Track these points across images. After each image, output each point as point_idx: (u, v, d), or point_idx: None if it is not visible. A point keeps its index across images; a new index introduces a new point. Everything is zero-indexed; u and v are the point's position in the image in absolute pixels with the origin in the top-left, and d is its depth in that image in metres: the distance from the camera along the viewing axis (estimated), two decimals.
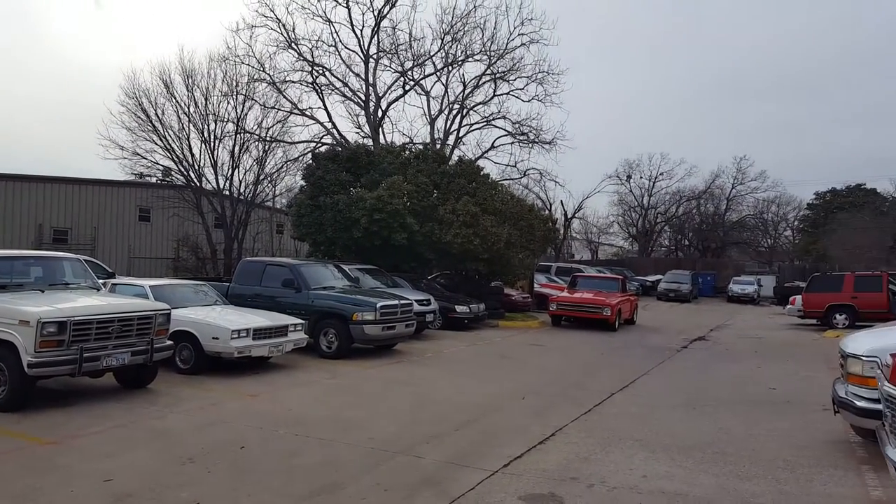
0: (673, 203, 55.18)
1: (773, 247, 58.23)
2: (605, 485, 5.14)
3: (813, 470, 5.53)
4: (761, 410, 8.05)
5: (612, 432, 6.80)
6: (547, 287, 24.87)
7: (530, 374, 10.61)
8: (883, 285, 19.72)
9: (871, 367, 5.61)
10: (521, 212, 19.49)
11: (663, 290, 34.96)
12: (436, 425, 6.89)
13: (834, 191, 54.63)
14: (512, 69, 27.55)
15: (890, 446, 3.98)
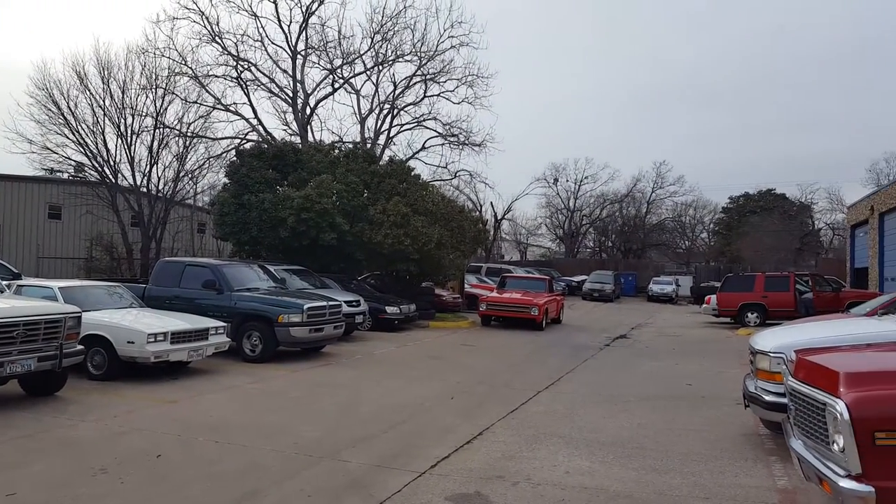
0: (597, 206, 57.06)
1: (690, 248, 61.05)
2: (529, 482, 5.21)
3: (725, 462, 5.80)
4: (678, 406, 8.40)
5: (537, 430, 6.92)
6: (477, 287, 25.10)
7: (460, 374, 10.67)
8: (790, 285, 21.00)
9: (778, 363, 5.94)
10: (452, 213, 19.60)
11: (588, 290, 36.02)
12: (363, 428, 6.81)
13: (747, 195, 57.79)
14: (442, 71, 27.72)
15: (794, 438, 4.21)
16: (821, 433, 3.70)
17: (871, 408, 3.34)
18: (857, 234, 32.55)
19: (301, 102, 26.50)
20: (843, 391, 3.49)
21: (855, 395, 3.42)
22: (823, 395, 3.66)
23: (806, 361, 4.15)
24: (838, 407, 3.43)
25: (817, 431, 3.76)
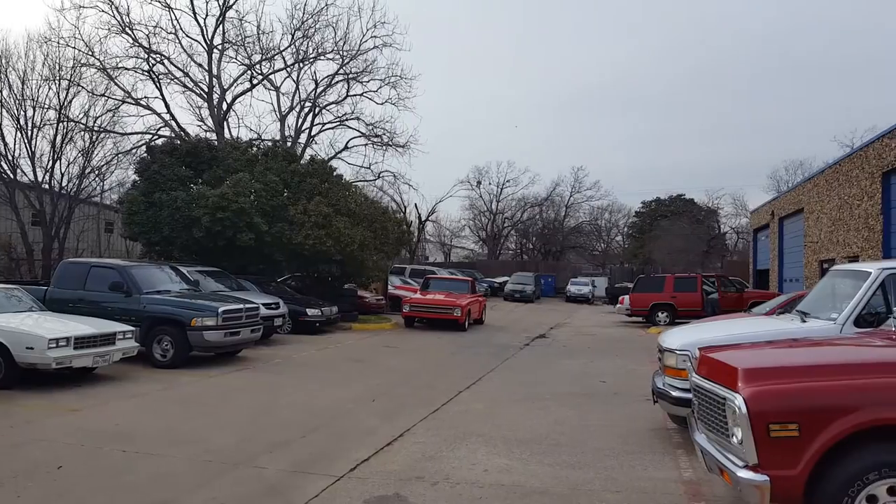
0: (519, 209, 58.28)
1: (606, 251, 63.40)
2: (448, 481, 5.25)
3: (635, 456, 6.04)
4: (593, 402, 8.69)
5: (457, 430, 6.98)
6: (401, 289, 25.06)
7: (382, 376, 10.60)
8: (698, 286, 22.17)
9: (684, 360, 6.24)
10: (376, 214, 19.47)
11: (509, 291, 36.71)
12: (281, 433, 6.65)
13: (658, 200, 60.55)
14: (365, 71, 27.52)
15: (698, 432, 4.44)
16: (721, 426, 3.92)
17: (766, 402, 3.55)
18: (759, 238, 34.78)
19: (217, 98, 25.58)
20: (741, 386, 3.70)
21: (752, 389, 3.63)
22: (724, 390, 3.87)
23: (708, 358, 4.38)
24: (737, 401, 3.64)
25: (718, 425, 3.98)
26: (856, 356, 3.97)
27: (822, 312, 6.41)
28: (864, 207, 18.19)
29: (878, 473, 3.33)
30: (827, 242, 21.33)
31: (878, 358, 3.87)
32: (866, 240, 17.89)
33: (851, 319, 5.88)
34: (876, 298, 5.97)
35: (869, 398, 3.41)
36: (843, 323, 5.90)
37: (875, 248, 17.09)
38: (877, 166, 17.33)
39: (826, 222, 21.59)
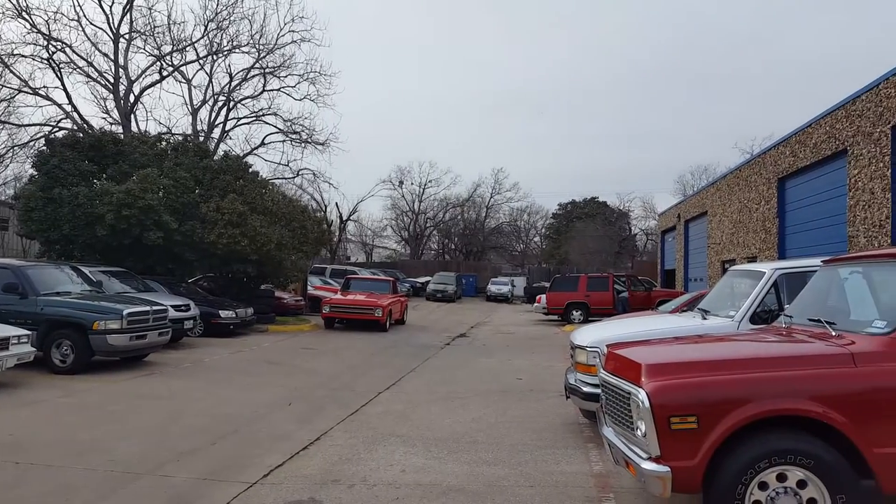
0: (441, 209, 58.69)
1: (524, 251, 64.84)
2: (365, 483, 5.20)
3: (548, 451, 6.20)
4: (510, 399, 8.85)
5: (376, 431, 6.93)
6: (321, 289, 24.66)
7: (299, 378, 10.38)
8: (609, 285, 23.06)
9: (594, 356, 6.48)
10: (294, 212, 19.02)
11: (431, 291, 36.89)
12: (190, 440, 6.38)
13: (574, 202, 62.55)
14: (283, 66, 26.90)
15: (605, 426, 4.61)
16: (627, 420, 4.08)
17: (667, 396, 3.73)
18: (666, 239, 36.55)
19: (124, 89, 24.28)
20: (644, 381, 3.87)
21: (654, 384, 3.80)
22: (629, 385, 4.03)
23: (615, 355, 4.55)
24: (640, 396, 3.80)
25: (624, 419, 4.14)
26: (749, 351, 4.23)
27: (721, 310, 6.81)
28: (762, 211, 19.48)
29: (768, 462, 3.56)
30: (728, 244, 22.69)
31: (769, 353, 4.14)
32: (764, 241, 19.17)
33: (747, 316, 6.28)
34: (770, 297, 6.41)
35: (760, 391, 3.64)
36: (740, 320, 6.29)
37: (772, 250, 18.34)
38: (773, 172, 18.60)
39: (727, 225, 22.97)
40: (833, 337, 4.01)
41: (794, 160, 17.02)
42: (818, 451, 3.53)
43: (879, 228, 12.59)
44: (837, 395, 3.59)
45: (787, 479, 3.58)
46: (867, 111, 13.11)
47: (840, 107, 14.32)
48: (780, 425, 3.64)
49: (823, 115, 15.19)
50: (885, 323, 3.88)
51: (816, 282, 5.01)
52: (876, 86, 12.78)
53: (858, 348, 3.76)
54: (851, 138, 13.77)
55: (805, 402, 3.58)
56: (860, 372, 3.64)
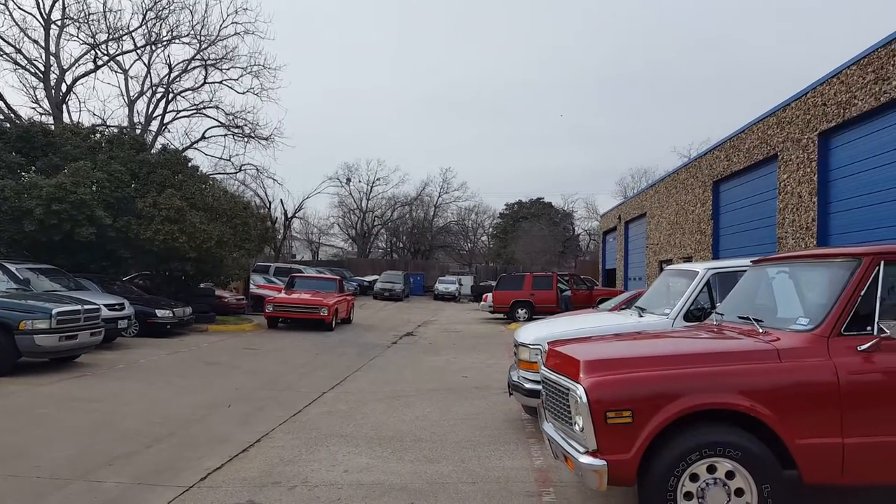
0: (389, 207, 58.51)
1: (472, 250, 65.27)
2: (307, 485, 5.13)
3: (491, 447, 6.26)
4: (454, 397, 8.90)
5: (319, 431, 6.84)
6: (265, 288, 24.18)
7: (240, 379, 10.14)
8: (553, 284, 23.47)
9: (536, 353, 6.58)
10: (236, 209, 18.56)
11: (379, 290, 36.69)
12: (123, 444, 6.14)
13: (520, 202, 63.39)
14: (225, 58, 26.24)
15: (546, 421, 4.68)
16: (566, 415, 4.16)
17: (604, 391, 3.82)
18: (607, 240, 37.48)
19: (55, 78, 23.19)
20: (583, 377, 3.95)
21: (592, 380, 3.89)
22: (568, 381, 4.11)
23: (555, 352, 4.63)
24: (578, 391, 3.88)
25: (563, 414, 4.22)
26: (682, 348, 4.38)
27: (657, 308, 7.02)
28: (698, 213, 20.20)
29: (698, 454, 3.69)
30: (666, 244, 23.43)
31: (700, 349, 4.30)
32: (699, 242, 19.87)
33: (681, 314, 6.50)
34: (703, 295, 6.65)
35: (691, 386, 3.77)
36: (675, 318, 6.51)
37: (706, 250, 19.04)
38: (708, 176, 19.30)
39: (665, 226, 23.71)
40: (760, 334, 4.19)
41: (728, 164, 17.72)
42: (745, 443, 3.68)
43: (806, 231, 13.24)
44: (763, 389, 3.75)
45: (716, 470, 3.72)
46: (796, 118, 13.77)
47: (772, 114, 14.99)
48: (711, 419, 3.78)
49: (756, 121, 15.87)
50: (808, 320, 4.08)
51: (746, 281, 5.23)
52: (804, 94, 13.44)
53: (783, 344, 3.94)
54: (781, 144, 14.44)
55: (733, 396, 3.73)
56: (784, 367, 3.82)
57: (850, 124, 11.96)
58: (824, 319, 3.94)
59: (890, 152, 10.84)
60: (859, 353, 3.82)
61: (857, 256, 4.09)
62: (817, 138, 12.89)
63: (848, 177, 12.11)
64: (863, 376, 3.79)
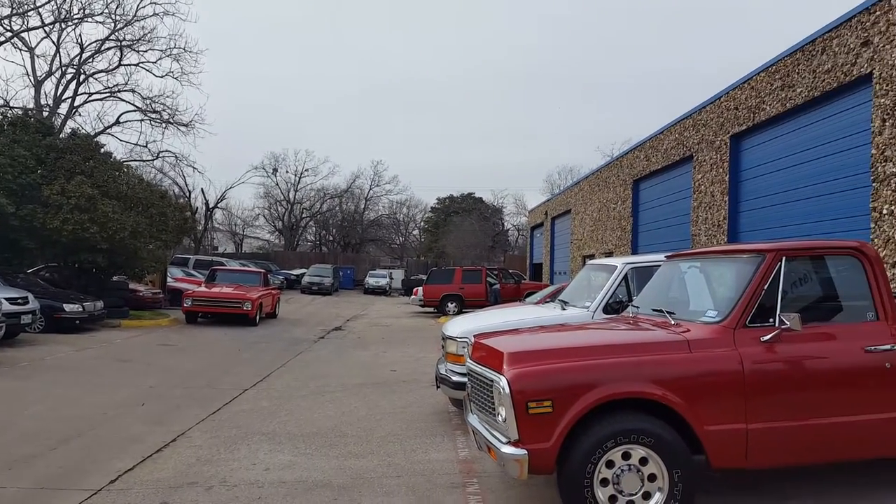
0: (318, 199, 57.43)
1: (403, 244, 65.14)
2: (225, 484, 4.97)
3: (417, 441, 6.27)
4: (382, 391, 8.85)
5: (239, 430, 6.65)
6: (183, 281, 23.27)
7: (155, 377, 9.72)
8: (482, 278, 23.74)
9: (463, 346, 6.63)
10: (152, 197, 17.71)
11: (307, 284, 36.01)
12: (26, 447, 5.76)
13: (451, 197, 63.71)
14: (143, 39, 24.98)
15: (471, 413, 4.73)
16: (490, 407, 4.21)
17: (526, 382, 3.89)
18: (535, 235, 38.27)
19: None
20: (506, 369, 4.01)
21: (514, 371, 3.96)
22: (492, 372, 4.16)
23: (481, 344, 4.68)
24: (502, 383, 3.93)
25: (487, 405, 4.28)
26: (600, 339, 4.52)
27: (578, 301, 7.22)
28: (619, 210, 20.91)
29: (614, 441, 3.82)
30: (589, 240, 24.15)
31: (616, 340, 4.45)
32: (619, 238, 20.58)
33: (601, 307, 6.71)
34: (621, 289, 6.89)
35: (607, 375, 3.90)
36: (595, 310, 6.72)
37: (626, 246, 19.75)
38: (629, 174, 20.01)
39: (589, 222, 24.44)
40: (672, 326, 4.38)
41: (647, 164, 18.43)
42: (658, 430, 3.83)
43: (718, 228, 13.96)
44: (675, 378, 3.92)
45: (631, 457, 3.87)
46: (710, 121, 14.47)
47: (688, 116, 15.69)
48: (626, 407, 3.92)
49: (674, 123, 16.57)
50: (717, 313, 4.29)
51: (660, 275, 5.45)
52: (718, 99, 14.13)
53: (693, 335, 4.14)
54: (697, 145, 15.14)
55: (647, 386, 3.87)
56: (694, 357, 4.01)
57: (759, 128, 12.67)
58: (731, 312, 4.16)
59: (794, 155, 11.56)
60: (762, 343, 4.05)
61: (761, 252, 4.34)
62: (729, 140, 13.59)
63: (757, 177, 12.84)
64: (765, 365, 4.02)
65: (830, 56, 10.29)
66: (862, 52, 9.56)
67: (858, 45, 9.64)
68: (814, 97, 10.77)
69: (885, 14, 9.08)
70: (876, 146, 9.23)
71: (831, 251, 4.48)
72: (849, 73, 9.86)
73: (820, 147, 10.84)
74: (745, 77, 12.95)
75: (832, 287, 4.50)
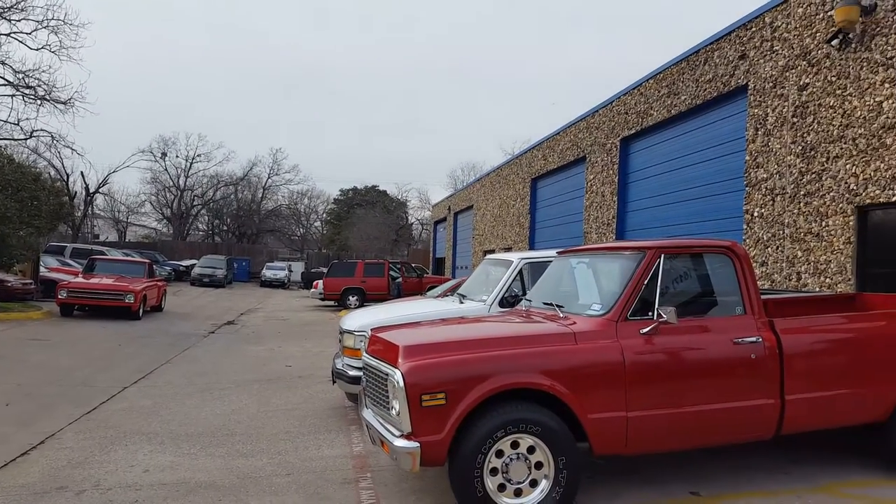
0: (211, 187, 54.89)
1: (304, 235, 63.65)
2: (99, 488, 4.64)
3: (311, 437, 6.14)
4: (275, 388, 8.60)
5: (117, 430, 6.24)
6: (59, 271, 21.52)
7: (24, 374, 8.92)
8: (385, 271, 23.64)
9: (361, 340, 6.55)
10: (23, 180, 16.24)
11: (198, 275, 34.34)
12: None
13: (355, 189, 62.99)
14: (15, 7, 22.72)
15: (365, 408, 4.69)
16: (384, 401, 4.19)
17: (420, 375, 3.90)
18: (438, 229, 38.59)
19: None
20: (401, 362, 4.00)
21: (409, 364, 3.95)
22: (387, 366, 4.14)
23: (377, 338, 4.65)
24: (396, 376, 3.92)
25: (382, 399, 4.25)
26: (493, 332, 4.60)
27: (476, 295, 7.34)
28: (518, 207, 21.49)
29: (503, 431, 3.91)
30: (490, 235, 24.66)
31: (509, 333, 4.55)
32: (518, 234, 21.16)
33: (497, 301, 6.86)
34: (516, 283, 7.07)
35: (499, 367, 3.98)
36: (491, 304, 6.85)
37: (524, 242, 20.34)
38: (528, 173, 20.60)
39: (490, 218, 24.95)
40: (561, 318, 4.54)
41: (544, 163, 19.06)
42: (544, 419, 3.96)
43: (607, 226, 14.66)
44: (562, 369, 4.07)
45: (519, 445, 3.98)
46: (603, 124, 15.15)
47: (582, 119, 16.35)
48: (516, 398, 4.02)
49: (569, 125, 17.22)
50: (601, 306, 4.49)
51: (552, 270, 5.64)
52: (610, 103, 14.82)
53: (579, 328, 4.31)
54: (590, 147, 15.81)
55: (536, 376, 3.99)
56: (579, 349, 4.18)
57: (647, 132, 13.42)
58: (613, 305, 4.37)
59: (679, 159, 12.35)
60: (642, 335, 4.29)
61: (642, 250, 4.59)
62: (619, 143, 14.30)
63: (644, 179, 13.60)
64: (644, 356, 4.25)
65: (712, 67, 11.05)
66: (739, 65, 10.34)
67: (736, 58, 10.42)
68: (696, 105, 11.54)
69: (760, 31, 9.87)
70: (749, 153, 10.03)
71: (705, 249, 4.80)
72: (727, 83, 10.64)
73: (702, 152, 11.64)
74: (635, 83, 13.66)
75: (707, 283, 4.82)
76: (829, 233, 8.41)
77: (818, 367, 4.65)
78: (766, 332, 4.54)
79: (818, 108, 8.67)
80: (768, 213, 9.54)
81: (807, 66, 8.90)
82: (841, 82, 8.31)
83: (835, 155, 8.37)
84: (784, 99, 9.30)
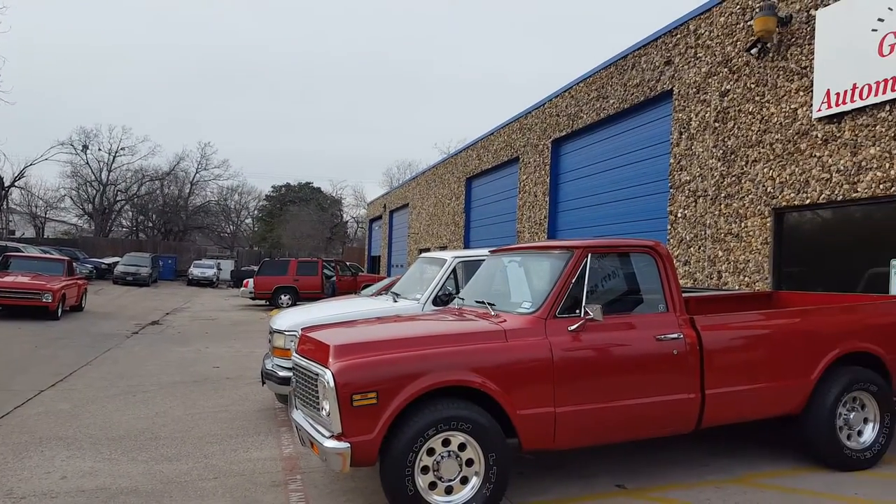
0: (135, 181, 52.63)
1: (235, 233, 61.90)
2: (11, 496, 4.39)
3: (239, 440, 5.99)
4: (202, 390, 8.34)
5: (32, 435, 5.92)
6: None
7: None
8: (318, 270, 23.29)
9: (291, 340, 6.45)
10: None
11: (121, 274, 32.84)
12: None
13: (288, 186, 61.76)
14: None
15: (295, 409, 4.62)
16: (314, 401, 4.15)
17: (351, 375, 3.88)
18: (374, 227, 38.34)
19: None
20: (331, 362, 3.97)
21: (340, 364, 3.93)
22: (317, 366, 4.10)
23: (307, 337, 4.59)
24: (327, 376, 3.89)
25: (312, 400, 4.20)
26: (424, 330, 4.62)
27: (409, 293, 7.35)
28: (453, 206, 21.63)
29: (435, 429, 3.93)
30: (425, 234, 24.72)
31: (441, 331, 4.58)
32: (453, 233, 21.31)
33: (430, 299, 6.89)
34: (450, 281, 7.12)
35: (430, 365, 4.01)
36: (425, 302, 6.88)
37: (459, 240, 20.49)
38: (463, 172, 20.76)
39: (425, 217, 25.00)
40: (492, 316, 4.62)
41: (479, 163, 19.26)
42: (475, 416, 4.02)
43: (539, 226, 14.96)
44: (492, 366, 4.13)
45: (450, 443, 4.02)
46: (535, 126, 15.45)
47: (516, 120, 16.61)
48: (448, 395, 4.05)
49: (504, 125, 17.46)
50: (531, 304, 4.59)
51: (484, 269, 5.72)
52: (542, 105, 15.12)
53: (509, 325, 4.39)
54: (523, 148, 16.09)
55: (467, 374, 4.04)
56: (509, 346, 4.26)
57: (577, 134, 13.78)
58: (543, 303, 4.47)
59: (608, 161, 12.74)
60: (569, 332, 4.41)
61: (570, 249, 4.72)
62: (551, 145, 14.62)
63: (575, 180, 13.96)
64: (571, 353, 4.37)
65: (639, 72, 11.46)
66: (665, 70, 10.76)
67: (662, 64, 10.83)
68: (624, 108, 11.93)
69: (685, 38, 10.30)
70: (674, 156, 10.46)
71: (630, 249, 4.97)
72: (654, 88, 11.05)
73: (630, 154, 12.05)
74: (566, 86, 14.00)
75: (633, 281, 4.99)
76: (748, 233, 8.88)
77: (736, 363, 4.87)
78: (688, 329, 4.74)
79: (738, 113, 9.14)
80: (691, 214, 9.98)
81: (728, 72, 9.36)
82: (759, 89, 8.78)
83: (753, 159, 8.84)
84: (706, 104, 9.75)
